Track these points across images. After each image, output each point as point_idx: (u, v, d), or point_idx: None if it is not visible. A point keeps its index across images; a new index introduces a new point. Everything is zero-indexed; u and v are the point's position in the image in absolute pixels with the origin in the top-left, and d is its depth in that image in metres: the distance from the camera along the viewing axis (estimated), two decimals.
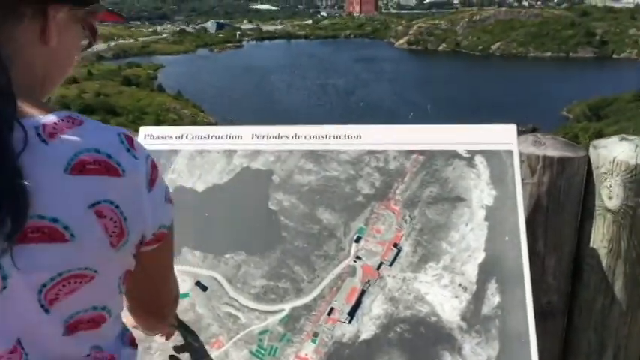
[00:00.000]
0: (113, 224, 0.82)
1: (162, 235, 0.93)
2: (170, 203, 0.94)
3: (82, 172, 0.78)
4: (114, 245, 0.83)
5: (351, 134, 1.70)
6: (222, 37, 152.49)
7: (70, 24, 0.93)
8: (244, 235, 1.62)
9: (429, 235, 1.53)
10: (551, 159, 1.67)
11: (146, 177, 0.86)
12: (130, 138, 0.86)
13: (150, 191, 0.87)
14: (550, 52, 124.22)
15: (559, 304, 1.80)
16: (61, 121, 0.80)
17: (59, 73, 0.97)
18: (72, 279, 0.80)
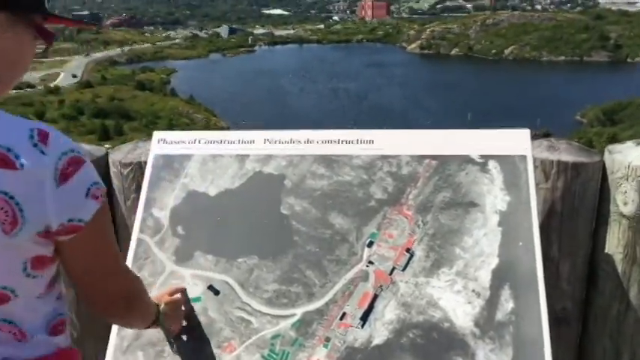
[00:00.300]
0: (4, 213, 0.87)
1: (74, 228, 0.95)
2: (94, 199, 0.96)
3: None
4: (6, 232, 0.89)
5: (363, 139, 1.70)
6: (234, 41, 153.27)
7: (12, 27, 0.98)
8: (256, 239, 1.62)
9: (441, 240, 1.53)
10: (566, 164, 1.66)
11: (54, 172, 0.90)
12: (43, 133, 0.90)
13: (59, 186, 0.91)
14: (564, 56, 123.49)
15: (574, 311, 1.78)
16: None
17: (4, 74, 1.01)
18: None
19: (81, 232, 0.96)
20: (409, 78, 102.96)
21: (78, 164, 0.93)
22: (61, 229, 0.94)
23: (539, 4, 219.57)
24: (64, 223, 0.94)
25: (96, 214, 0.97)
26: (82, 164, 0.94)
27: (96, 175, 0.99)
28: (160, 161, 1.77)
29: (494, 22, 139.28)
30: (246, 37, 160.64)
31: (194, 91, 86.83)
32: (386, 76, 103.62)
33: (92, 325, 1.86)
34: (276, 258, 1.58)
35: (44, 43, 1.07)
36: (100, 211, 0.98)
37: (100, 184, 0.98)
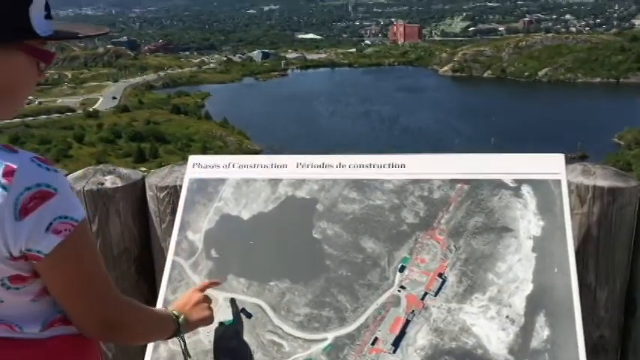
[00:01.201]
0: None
1: (34, 257, 1.01)
2: (54, 234, 1.00)
3: None
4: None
5: (395, 163, 1.70)
6: (267, 65, 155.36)
7: (1, 56, 1.01)
8: (288, 263, 1.63)
9: (474, 265, 1.51)
10: (602, 189, 1.63)
11: (13, 207, 0.95)
12: (9, 169, 0.96)
13: (18, 219, 0.96)
14: (599, 78, 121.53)
15: (612, 339, 1.74)
16: None
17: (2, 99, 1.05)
18: None
19: (41, 262, 1.01)
20: (441, 101, 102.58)
21: (42, 198, 0.97)
22: (22, 256, 1.00)
23: (574, 27, 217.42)
24: (24, 251, 1.00)
25: (57, 247, 1.00)
26: (47, 198, 0.98)
27: (68, 208, 1.01)
28: (194, 185, 1.80)
29: (527, 45, 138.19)
30: (279, 61, 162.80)
31: (227, 115, 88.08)
32: (418, 99, 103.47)
33: (126, 346, 1.88)
34: (308, 282, 1.59)
35: (44, 64, 1.10)
36: (64, 244, 1.01)
37: (69, 218, 1.01)
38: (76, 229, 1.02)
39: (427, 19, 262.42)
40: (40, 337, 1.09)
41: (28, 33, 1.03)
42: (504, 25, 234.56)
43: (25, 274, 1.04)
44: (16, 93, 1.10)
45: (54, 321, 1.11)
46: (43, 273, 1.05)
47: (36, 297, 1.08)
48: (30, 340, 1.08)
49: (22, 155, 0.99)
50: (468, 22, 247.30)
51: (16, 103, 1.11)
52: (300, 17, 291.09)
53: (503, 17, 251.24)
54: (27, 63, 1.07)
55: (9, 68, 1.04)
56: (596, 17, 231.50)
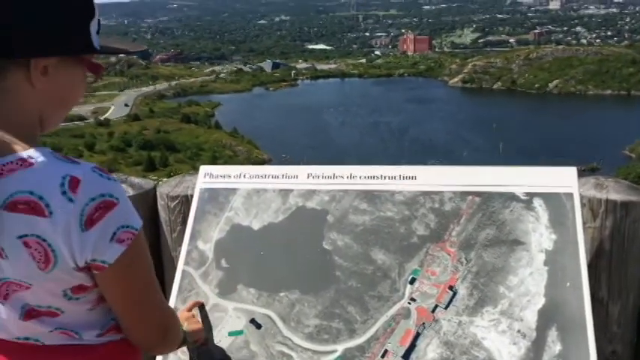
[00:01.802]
0: (39, 254, 0.97)
1: (98, 267, 1.02)
2: (118, 243, 1.01)
3: (13, 210, 0.95)
4: (42, 269, 0.99)
5: (406, 174, 1.70)
6: (277, 75, 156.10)
7: (64, 68, 1.06)
8: (298, 273, 1.63)
9: (485, 278, 1.50)
10: (614, 202, 1.62)
11: (79, 218, 0.96)
12: (74, 181, 0.97)
13: (84, 230, 0.97)
14: (610, 90, 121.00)
15: (624, 355, 1.72)
16: (10, 163, 0.96)
17: (56, 110, 1.11)
18: (12, 285, 1.01)
19: (104, 271, 1.03)
20: (451, 112, 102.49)
21: (106, 209, 0.98)
22: (86, 266, 1.01)
23: (585, 39, 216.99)
24: (89, 262, 1.00)
25: (121, 256, 1.02)
26: (111, 208, 0.99)
27: (128, 217, 1.03)
28: (205, 195, 1.81)
29: (537, 56, 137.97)
30: (289, 71, 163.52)
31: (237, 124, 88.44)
32: (427, 111, 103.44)
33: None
34: (318, 293, 1.58)
35: (93, 76, 1.15)
36: (126, 253, 1.02)
37: (130, 227, 1.02)
38: (136, 237, 1.03)
39: (437, 31, 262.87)
40: (97, 342, 1.11)
41: (89, 47, 1.08)
42: (514, 37, 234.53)
43: (87, 284, 1.05)
44: (70, 104, 1.15)
45: (109, 328, 1.13)
46: (103, 282, 1.06)
47: (93, 306, 1.10)
48: (88, 346, 1.10)
49: (84, 166, 1.00)
50: (478, 34, 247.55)
51: (66, 113, 1.15)
52: (311, 28, 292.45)
53: (514, 29, 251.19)
54: (82, 75, 1.12)
55: (69, 80, 1.09)
56: (607, 29, 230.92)
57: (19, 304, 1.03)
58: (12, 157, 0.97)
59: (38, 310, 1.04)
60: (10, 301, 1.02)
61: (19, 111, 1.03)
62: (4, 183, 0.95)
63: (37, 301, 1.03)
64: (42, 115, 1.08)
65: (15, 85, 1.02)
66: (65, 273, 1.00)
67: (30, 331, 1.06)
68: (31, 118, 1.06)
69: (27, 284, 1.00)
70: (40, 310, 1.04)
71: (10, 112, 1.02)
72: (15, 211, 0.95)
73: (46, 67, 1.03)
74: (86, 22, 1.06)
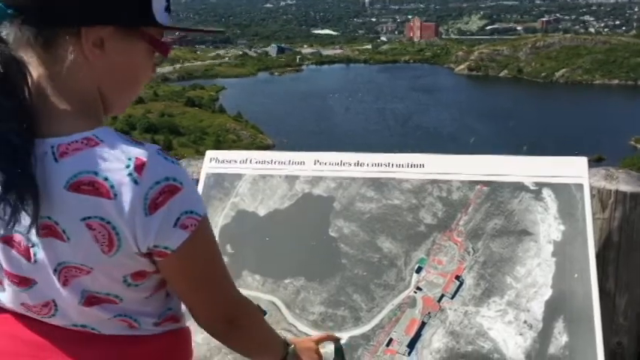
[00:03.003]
0: (102, 236, 0.94)
1: (161, 253, 0.98)
2: (182, 229, 0.97)
3: (77, 191, 0.92)
4: (105, 252, 0.95)
5: (414, 162, 1.68)
6: (282, 60, 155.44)
7: (120, 41, 0.99)
8: (304, 260, 1.62)
9: (492, 268, 1.49)
10: (624, 194, 1.60)
11: (143, 201, 0.92)
12: (140, 163, 0.92)
13: (147, 215, 0.93)
14: (617, 80, 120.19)
15: (630, 347, 1.71)
16: (76, 142, 0.93)
17: (120, 88, 1.05)
18: (72, 269, 0.97)
19: (167, 257, 0.99)
20: (456, 100, 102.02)
21: (171, 193, 0.94)
22: (149, 252, 0.98)
23: (593, 27, 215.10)
24: (151, 248, 0.97)
25: (184, 243, 0.97)
26: (175, 192, 0.95)
27: (192, 202, 0.98)
28: (211, 180, 1.80)
29: (545, 45, 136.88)
30: (294, 56, 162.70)
31: (241, 109, 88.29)
32: (433, 98, 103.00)
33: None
34: (323, 280, 1.58)
35: (161, 57, 1.09)
36: (190, 240, 0.98)
37: (194, 213, 0.98)
38: (200, 223, 0.99)
39: (444, 17, 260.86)
40: (153, 332, 1.08)
41: (149, 19, 1.02)
42: (522, 25, 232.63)
43: (147, 270, 1.02)
44: (136, 84, 1.09)
45: (166, 317, 1.10)
46: (166, 269, 1.02)
47: (151, 294, 1.06)
48: (144, 337, 1.07)
49: (149, 147, 0.95)
50: (485, 21, 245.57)
51: (132, 96, 1.10)
52: (317, 12, 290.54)
53: (521, 16, 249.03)
54: (146, 53, 1.05)
55: (130, 56, 1.03)
56: (615, 18, 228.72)
57: (79, 288, 0.99)
58: (77, 135, 0.93)
59: (98, 297, 1.00)
60: (70, 285, 0.98)
61: (77, 88, 0.98)
62: (69, 163, 0.92)
63: (97, 287, 0.99)
64: (104, 94, 1.03)
65: (68, 57, 0.96)
66: (128, 257, 0.97)
67: (89, 318, 1.03)
68: (91, 95, 1.01)
69: (87, 268, 0.97)
70: (100, 297, 1.01)
71: (67, 89, 0.97)
72: (79, 192, 0.91)
73: (102, 38, 0.97)
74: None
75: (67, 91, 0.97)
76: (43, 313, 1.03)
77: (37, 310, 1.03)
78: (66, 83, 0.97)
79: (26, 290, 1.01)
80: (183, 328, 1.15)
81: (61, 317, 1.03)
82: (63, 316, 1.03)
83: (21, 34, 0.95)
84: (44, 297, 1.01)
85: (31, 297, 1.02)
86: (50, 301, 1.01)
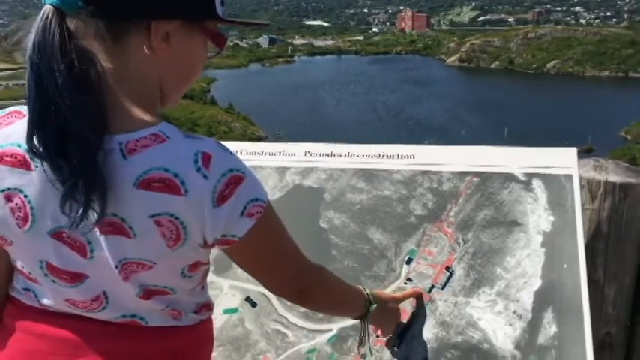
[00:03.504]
0: (170, 232, 0.93)
1: (228, 242, 1.00)
2: (248, 217, 0.98)
3: (147, 188, 0.91)
4: (170, 247, 0.95)
5: (404, 154, 1.68)
6: (274, 52, 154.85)
7: (185, 35, 1.00)
8: None
9: (482, 259, 1.50)
10: (613, 184, 1.61)
11: (212, 195, 0.93)
12: (207, 157, 0.92)
13: (216, 207, 0.93)
14: (608, 72, 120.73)
15: (618, 336, 1.73)
16: (144, 139, 0.92)
17: (178, 81, 1.06)
18: (135, 265, 0.96)
19: (235, 244, 1.01)
20: (448, 91, 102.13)
21: (236, 183, 0.95)
22: (216, 242, 0.99)
23: (584, 19, 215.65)
24: (218, 238, 0.98)
25: (250, 229, 0.99)
26: (240, 183, 0.96)
27: (256, 190, 1.00)
28: None
29: (536, 36, 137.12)
30: (286, 47, 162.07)
31: (233, 100, 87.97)
32: (425, 90, 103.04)
33: None
34: None
35: (216, 48, 1.09)
36: (256, 226, 1.00)
37: (259, 200, 0.99)
38: (265, 210, 1.01)
39: (436, 8, 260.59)
40: (192, 322, 1.10)
41: (213, 13, 1.02)
42: (513, 16, 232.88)
43: (203, 261, 1.04)
44: (191, 77, 1.09)
45: (203, 306, 1.13)
46: (233, 253, 1.06)
47: (197, 284, 1.09)
48: (185, 328, 1.08)
49: (209, 141, 0.96)
50: (476, 12, 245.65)
51: (186, 88, 1.10)
52: (308, 3, 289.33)
53: (513, 8, 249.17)
54: (204, 46, 1.06)
55: (191, 50, 1.04)
56: (606, 10, 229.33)
57: (138, 282, 0.98)
58: (145, 131, 0.92)
59: (154, 290, 1.01)
60: (130, 281, 0.98)
61: (142, 82, 0.98)
62: (138, 160, 0.91)
63: (156, 280, 1.00)
64: (163, 87, 1.03)
65: (136, 51, 0.96)
66: (190, 250, 0.97)
67: (142, 308, 1.02)
68: (153, 90, 1.01)
69: (150, 263, 0.96)
70: (157, 289, 1.01)
71: (133, 83, 0.96)
72: (149, 190, 0.90)
73: (168, 32, 0.97)
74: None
75: (133, 85, 0.96)
76: (93, 307, 1.01)
77: (86, 304, 1.01)
78: (132, 78, 0.96)
79: (76, 286, 0.99)
80: (210, 317, 1.18)
81: (110, 310, 1.01)
82: (113, 308, 1.01)
83: (87, 26, 0.94)
84: (95, 290, 1.00)
85: (80, 292, 1.00)
86: (101, 294, 1.00)
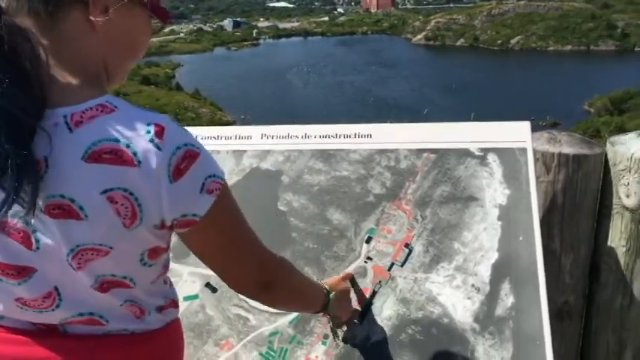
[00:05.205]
0: (125, 209, 0.87)
1: (189, 222, 0.94)
2: (208, 194, 0.93)
3: (96, 161, 0.84)
4: (127, 226, 0.88)
5: (361, 133, 1.68)
6: (239, 35, 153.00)
7: (125, 8, 0.96)
8: None
9: (440, 235, 1.51)
10: (567, 156, 1.64)
11: (167, 168, 0.87)
12: (160, 128, 0.87)
13: (172, 182, 0.88)
14: (570, 46, 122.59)
15: (576, 305, 1.76)
16: (90, 109, 0.86)
17: (122, 57, 1.02)
18: (89, 251, 0.88)
19: (196, 225, 0.95)
20: (415, 71, 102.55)
21: (192, 158, 0.90)
22: (176, 223, 0.93)
23: None
24: (178, 218, 0.92)
25: (212, 207, 0.94)
26: (196, 157, 0.91)
27: (212, 166, 0.95)
28: None
29: (500, 12, 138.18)
30: (251, 30, 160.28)
31: (199, 86, 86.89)
32: (391, 69, 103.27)
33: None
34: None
35: (159, 22, 1.06)
36: (217, 204, 0.95)
37: (216, 176, 0.95)
38: (223, 187, 0.96)
39: None
40: (159, 324, 1.04)
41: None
42: None
43: (162, 246, 0.97)
44: (136, 52, 1.04)
45: (169, 303, 1.07)
46: (194, 238, 0.99)
47: (157, 277, 1.03)
48: (152, 333, 1.03)
49: (161, 115, 0.91)
50: None
51: (131, 64, 1.06)
52: None
53: None
54: (146, 19, 1.02)
55: (133, 23, 1.00)
56: None
57: (94, 273, 0.91)
58: (90, 102, 0.87)
59: (112, 281, 0.94)
60: (84, 270, 0.90)
61: (82, 57, 0.93)
62: (86, 131, 0.85)
63: (113, 269, 0.92)
64: (107, 64, 0.98)
65: (74, 26, 0.92)
66: (147, 231, 0.91)
67: (99, 304, 0.95)
68: (96, 67, 0.96)
69: (107, 248, 0.89)
70: (114, 280, 0.94)
71: (72, 58, 0.92)
72: (99, 162, 0.84)
73: (107, 5, 0.93)
74: None
75: (72, 60, 0.92)
76: (45, 307, 0.94)
77: (37, 303, 0.93)
78: (72, 53, 0.92)
79: (24, 282, 0.91)
80: (178, 317, 1.13)
81: (65, 308, 0.94)
82: (68, 306, 0.94)
83: (19, 2, 0.90)
84: (45, 287, 0.92)
85: (29, 289, 0.92)
86: (52, 290, 0.93)
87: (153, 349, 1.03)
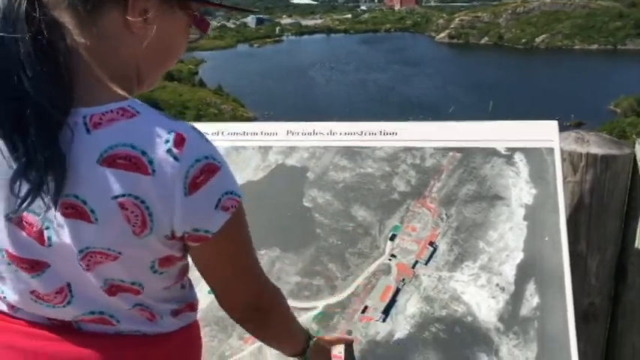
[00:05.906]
0: (135, 216, 0.85)
1: (200, 238, 0.92)
2: (223, 210, 0.91)
3: (111, 165, 0.83)
4: (137, 234, 0.87)
5: (386, 131, 1.68)
6: (262, 32, 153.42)
7: (164, 14, 0.95)
8: (279, 231, 1.62)
9: (465, 233, 1.50)
10: (595, 156, 1.62)
11: (183, 180, 0.85)
12: (180, 138, 0.85)
13: (187, 195, 0.86)
14: (597, 45, 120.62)
15: (602, 307, 1.75)
16: (111, 112, 0.85)
17: (154, 65, 1.00)
18: (97, 255, 0.88)
19: (207, 241, 0.93)
20: (438, 68, 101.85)
21: (211, 172, 0.87)
22: (186, 236, 0.91)
23: None
24: (189, 232, 0.90)
25: (225, 224, 0.92)
26: (215, 172, 0.88)
27: (231, 183, 0.93)
28: None
29: (525, 10, 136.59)
30: (274, 27, 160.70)
31: (222, 82, 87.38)
32: (415, 67, 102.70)
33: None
34: (299, 251, 1.58)
35: (199, 32, 1.04)
36: (230, 222, 0.92)
37: (234, 194, 0.92)
38: (239, 205, 0.94)
39: None
40: (173, 327, 1.04)
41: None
42: None
43: (175, 256, 0.95)
44: (170, 59, 1.03)
45: (184, 307, 1.06)
46: (201, 253, 0.97)
47: (172, 284, 1.01)
48: (165, 335, 1.02)
49: (185, 123, 0.89)
50: None
51: (163, 71, 1.04)
52: None
53: None
54: (185, 27, 1.01)
55: (171, 30, 0.98)
56: None
57: (102, 277, 0.91)
58: (112, 105, 0.86)
59: (120, 286, 0.93)
60: (93, 272, 0.90)
61: (116, 58, 0.92)
62: (103, 134, 0.83)
63: (122, 274, 0.92)
64: (140, 68, 0.97)
65: (112, 26, 0.90)
66: (158, 241, 0.89)
67: (109, 304, 0.95)
68: (128, 70, 0.95)
69: (115, 253, 0.88)
70: (122, 286, 0.93)
71: (107, 58, 0.90)
72: (113, 167, 0.83)
73: (146, 9, 0.92)
74: None
75: (106, 61, 0.90)
76: (57, 302, 0.94)
77: (50, 298, 0.94)
78: (106, 53, 0.91)
79: (37, 276, 0.92)
80: (196, 320, 1.11)
81: (76, 305, 0.94)
82: (79, 303, 0.94)
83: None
84: (58, 282, 0.92)
85: (42, 283, 0.92)
86: (64, 286, 0.93)
87: (168, 352, 1.02)
